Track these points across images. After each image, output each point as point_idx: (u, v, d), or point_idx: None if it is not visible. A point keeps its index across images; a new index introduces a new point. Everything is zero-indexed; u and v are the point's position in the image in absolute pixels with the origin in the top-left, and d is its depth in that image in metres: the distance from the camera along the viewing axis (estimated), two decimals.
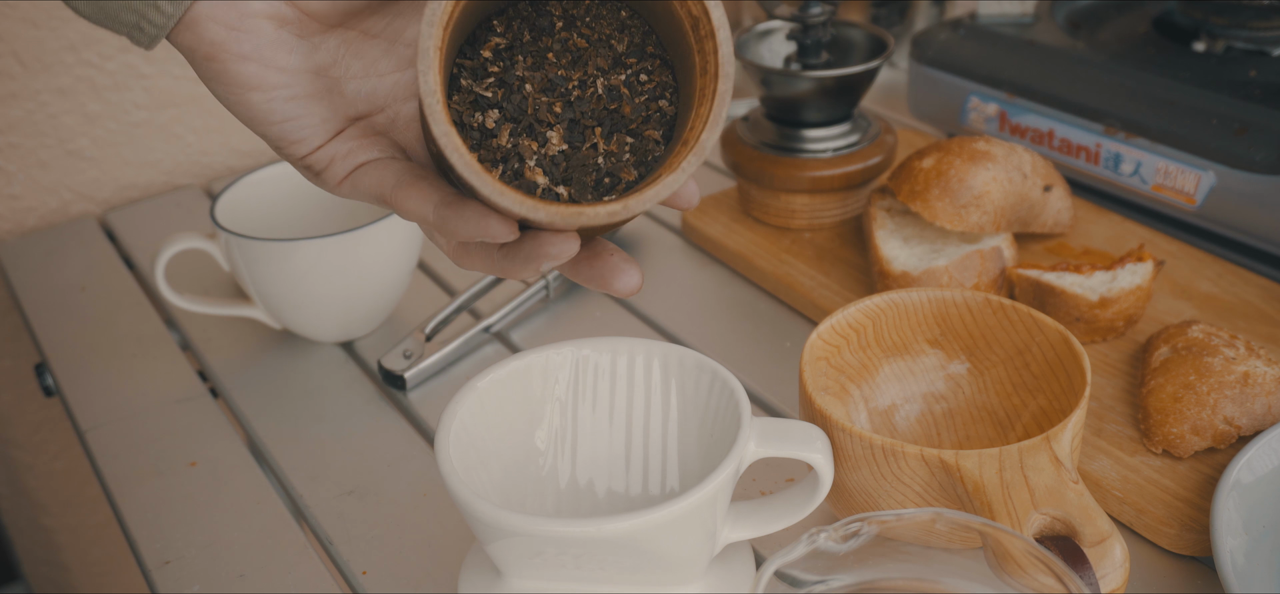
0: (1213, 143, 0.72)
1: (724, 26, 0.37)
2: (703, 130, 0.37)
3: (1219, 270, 0.72)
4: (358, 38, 0.42)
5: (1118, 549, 0.45)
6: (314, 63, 0.41)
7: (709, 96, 0.37)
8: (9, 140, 0.91)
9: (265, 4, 0.39)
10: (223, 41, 0.39)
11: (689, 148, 0.37)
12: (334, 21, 0.41)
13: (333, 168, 0.42)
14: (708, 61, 0.37)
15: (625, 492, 0.55)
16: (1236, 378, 0.57)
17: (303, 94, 0.41)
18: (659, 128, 0.40)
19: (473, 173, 0.35)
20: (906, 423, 0.59)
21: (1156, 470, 0.57)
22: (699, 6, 0.37)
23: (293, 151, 0.42)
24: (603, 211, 0.36)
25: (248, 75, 0.40)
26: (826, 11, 0.78)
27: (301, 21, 0.40)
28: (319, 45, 0.41)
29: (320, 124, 0.41)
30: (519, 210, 0.36)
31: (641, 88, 0.40)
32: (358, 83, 0.42)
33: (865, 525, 0.42)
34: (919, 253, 0.70)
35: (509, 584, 0.49)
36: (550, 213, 0.36)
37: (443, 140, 0.35)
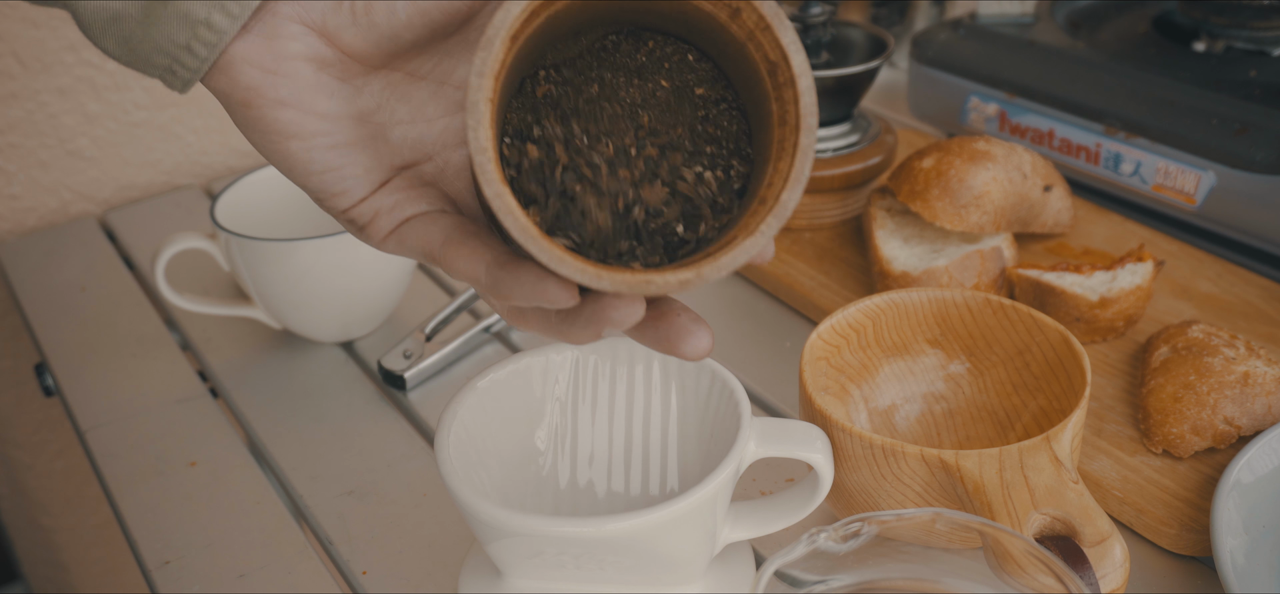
0: (1213, 143, 0.72)
1: (807, 74, 0.33)
2: (783, 189, 0.33)
3: (1219, 270, 0.72)
4: (404, 80, 0.39)
5: (1118, 549, 0.45)
6: (357, 108, 0.38)
7: (789, 150, 0.34)
8: (9, 140, 0.91)
9: (303, 45, 0.37)
10: (258, 86, 0.37)
11: (768, 207, 0.33)
12: (378, 63, 0.38)
13: (377, 222, 0.39)
14: (787, 111, 0.34)
15: (625, 492, 0.55)
16: (1236, 378, 0.57)
17: (344, 142, 0.38)
18: (733, 181, 0.37)
19: (529, 239, 0.32)
20: (906, 423, 0.59)
21: (1156, 470, 0.57)
22: (777, 50, 0.34)
23: (335, 204, 0.39)
24: (673, 280, 0.33)
25: (285, 122, 0.37)
26: (826, 11, 0.78)
27: (343, 63, 0.37)
28: (362, 89, 0.38)
29: (364, 174, 0.38)
30: (580, 279, 0.32)
31: (714, 137, 0.37)
32: (404, 128, 0.39)
33: (865, 525, 0.42)
34: (919, 253, 0.70)
35: (509, 584, 0.49)
36: (615, 281, 0.33)
37: (495, 203, 0.32)
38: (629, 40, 0.38)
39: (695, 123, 0.37)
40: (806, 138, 0.33)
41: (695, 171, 0.37)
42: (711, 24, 0.35)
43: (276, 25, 0.36)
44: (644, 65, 0.38)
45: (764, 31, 0.34)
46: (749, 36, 0.34)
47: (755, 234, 0.33)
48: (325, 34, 0.37)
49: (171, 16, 0.36)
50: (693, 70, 0.38)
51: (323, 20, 0.37)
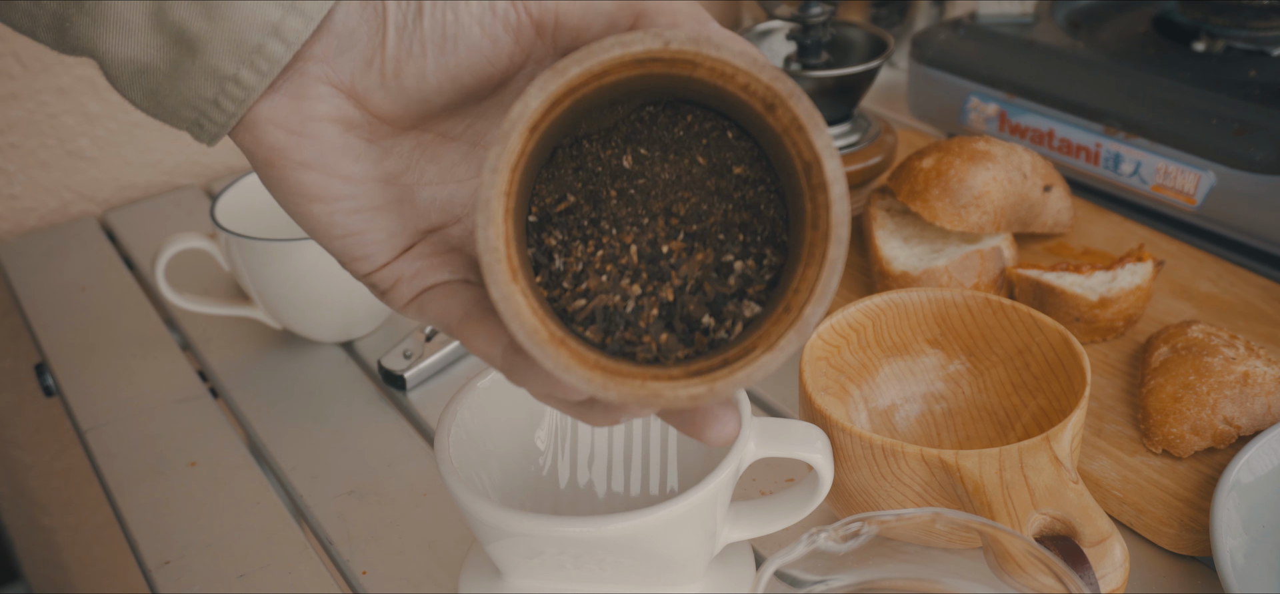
0: (1212, 143, 0.72)
1: (840, 181, 0.32)
2: (808, 302, 0.32)
3: (1219, 270, 0.72)
4: (434, 141, 0.38)
5: (1117, 549, 0.45)
6: (384, 170, 0.37)
7: (817, 259, 0.33)
8: (9, 140, 0.91)
9: (330, 106, 0.36)
10: (283, 147, 0.36)
11: (791, 320, 0.32)
12: (408, 125, 0.37)
13: (399, 289, 0.38)
14: (819, 216, 0.33)
15: (625, 492, 0.55)
16: (1236, 378, 0.57)
17: (368, 206, 0.37)
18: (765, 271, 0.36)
19: (535, 345, 0.32)
20: (906, 423, 0.59)
21: (1156, 470, 0.57)
22: (811, 152, 0.33)
23: (356, 268, 0.38)
24: (683, 395, 0.32)
25: (308, 184, 0.36)
26: (826, 11, 0.78)
27: (372, 125, 0.37)
28: (391, 149, 0.37)
29: (387, 239, 0.38)
30: (586, 388, 0.32)
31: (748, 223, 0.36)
32: (433, 189, 0.38)
33: (865, 525, 0.42)
34: (919, 253, 0.70)
35: (509, 584, 0.49)
36: (622, 393, 0.32)
37: (501, 305, 0.32)
38: (666, 112, 0.37)
39: (730, 205, 0.36)
40: (836, 250, 0.32)
41: (726, 261, 0.36)
42: (749, 111, 0.34)
43: (304, 85, 0.36)
44: (680, 140, 0.37)
45: (798, 131, 0.33)
46: (784, 131, 0.33)
47: (774, 350, 0.32)
48: (354, 95, 0.36)
49: (200, 72, 0.35)
50: (731, 148, 0.37)
51: (351, 81, 0.36)
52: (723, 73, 0.33)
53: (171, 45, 0.35)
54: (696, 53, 0.32)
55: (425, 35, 0.35)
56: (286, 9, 0.34)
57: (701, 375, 0.33)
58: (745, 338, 0.34)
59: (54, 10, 0.35)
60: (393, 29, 0.35)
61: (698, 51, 0.32)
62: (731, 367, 0.32)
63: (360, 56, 0.36)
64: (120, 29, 0.35)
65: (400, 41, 0.35)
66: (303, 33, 0.35)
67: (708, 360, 0.34)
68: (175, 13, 0.34)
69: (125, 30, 0.35)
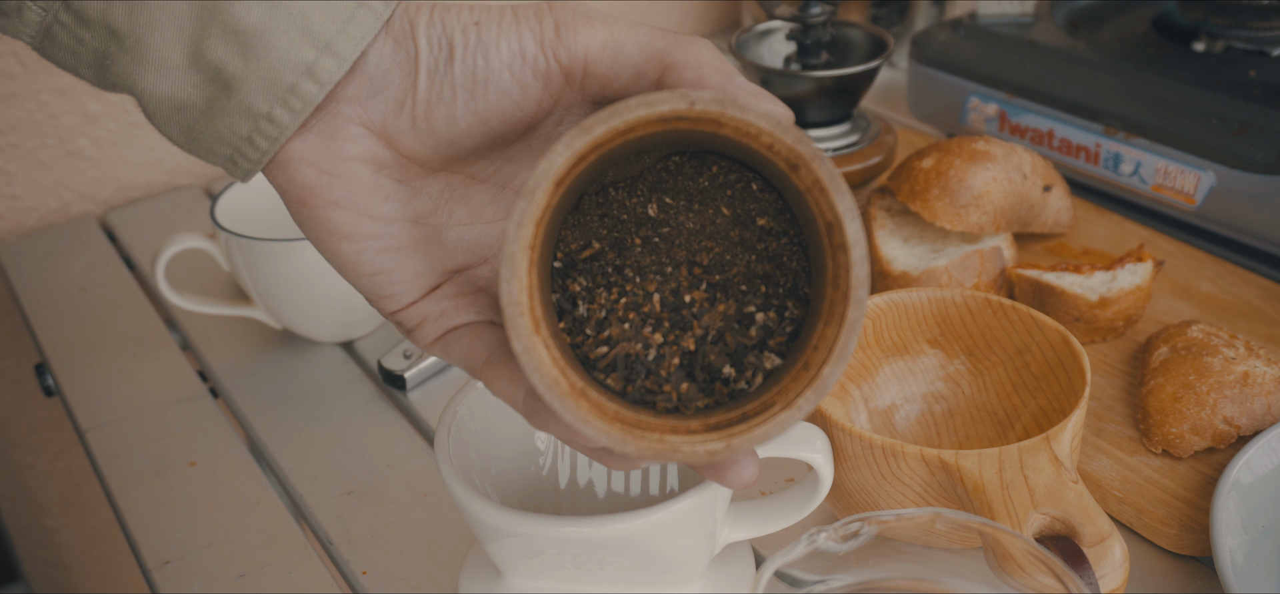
0: (1212, 143, 0.72)
1: (861, 244, 0.33)
2: (826, 362, 0.33)
3: (1218, 270, 0.72)
4: (464, 182, 0.39)
5: (1117, 549, 0.45)
6: (413, 210, 0.38)
7: (837, 319, 0.33)
8: (9, 140, 0.91)
9: (362, 147, 0.37)
10: (314, 186, 0.37)
11: (809, 378, 0.33)
12: (437, 166, 0.38)
13: (424, 328, 0.39)
14: (840, 276, 0.33)
15: (625, 492, 0.55)
16: (1236, 378, 0.57)
17: (396, 245, 0.38)
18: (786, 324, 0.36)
19: (555, 398, 0.32)
20: (906, 423, 0.59)
21: (1156, 470, 0.57)
22: (832, 213, 0.33)
23: (383, 306, 0.39)
24: (701, 451, 0.32)
25: (338, 223, 0.37)
26: (826, 11, 0.78)
27: (402, 165, 0.37)
28: (420, 190, 0.38)
29: (413, 278, 0.38)
30: (605, 442, 0.32)
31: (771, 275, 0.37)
32: (461, 230, 0.39)
33: (865, 525, 0.42)
34: (919, 253, 0.70)
35: (509, 584, 0.49)
36: (640, 448, 0.32)
37: (523, 358, 0.32)
38: (692, 162, 0.37)
39: (753, 256, 0.37)
40: (854, 312, 0.33)
41: (748, 312, 0.36)
42: (772, 167, 0.35)
43: (336, 126, 0.36)
44: (705, 190, 0.37)
45: (821, 192, 0.33)
46: (807, 190, 0.34)
47: (792, 409, 0.33)
48: (385, 137, 0.37)
49: (235, 109, 0.36)
50: (756, 199, 0.37)
51: (383, 123, 0.37)
52: (747, 132, 0.33)
53: (208, 83, 0.36)
54: (722, 114, 0.33)
55: (456, 80, 0.36)
56: (320, 49, 0.35)
57: (719, 429, 0.33)
58: (765, 391, 0.34)
59: (96, 49, 0.36)
60: (424, 73, 0.36)
61: (723, 113, 0.33)
62: (749, 423, 0.33)
63: (392, 99, 0.36)
64: (159, 67, 0.36)
65: (431, 85, 0.36)
66: (336, 73, 0.35)
67: (727, 413, 0.34)
68: (213, 52, 0.35)
69: (164, 68, 0.36)
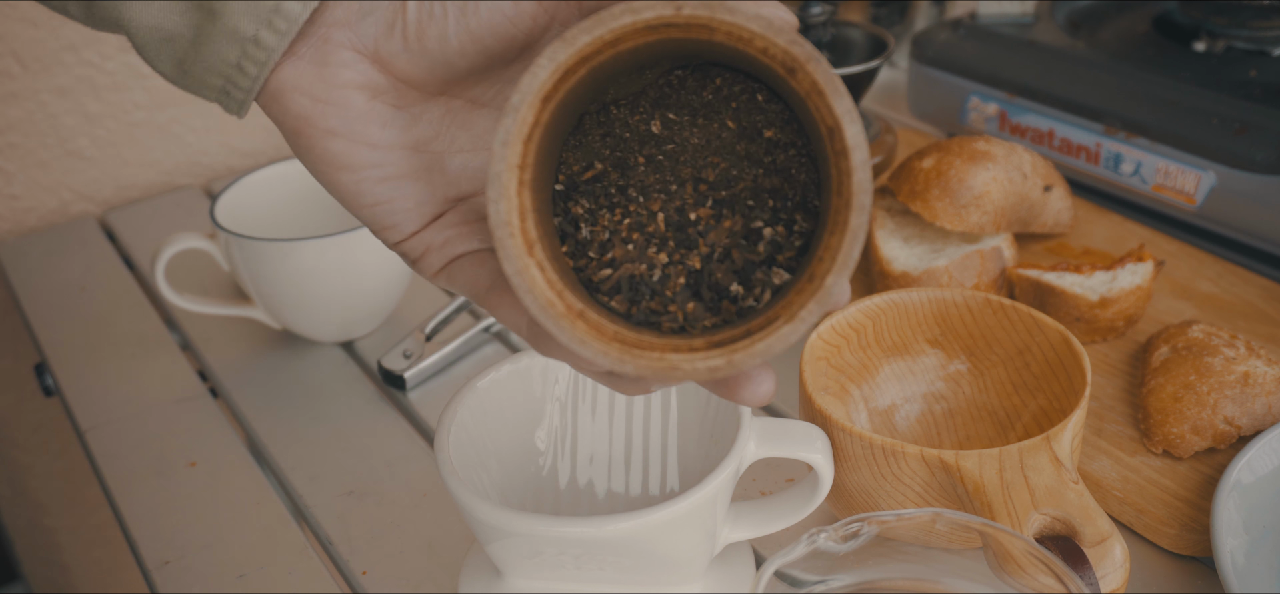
0: (1213, 143, 0.72)
1: (862, 147, 0.31)
2: (830, 272, 0.32)
3: (1219, 270, 0.72)
4: (464, 107, 0.38)
5: (1118, 549, 0.45)
6: (412, 137, 0.37)
7: (840, 227, 0.32)
8: (9, 140, 0.91)
9: (356, 73, 0.36)
10: (308, 115, 0.36)
11: (813, 290, 0.32)
12: (434, 90, 0.37)
13: (428, 257, 0.38)
14: (842, 182, 0.32)
15: (625, 492, 0.55)
16: (1237, 378, 0.57)
17: (396, 174, 0.37)
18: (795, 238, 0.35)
19: (550, 320, 0.31)
20: (906, 423, 0.59)
21: (1157, 470, 0.57)
22: (831, 117, 0.32)
23: (386, 236, 0.38)
24: (702, 367, 0.32)
25: (336, 153, 0.36)
26: (826, 11, 0.78)
27: (399, 91, 0.37)
28: (419, 116, 0.37)
29: (416, 207, 0.38)
30: (603, 362, 0.32)
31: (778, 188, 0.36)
32: (464, 157, 0.38)
33: (865, 525, 0.42)
34: (919, 253, 0.70)
35: (509, 584, 0.49)
36: (640, 366, 0.32)
37: (515, 279, 0.31)
38: (695, 77, 0.36)
39: (760, 169, 0.36)
40: (857, 218, 0.32)
41: (755, 228, 0.35)
42: (772, 74, 0.34)
43: (328, 52, 0.36)
44: (709, 104, 0.36)
45: (818, 96, 0.32)
46: (807, 95, 0.33)
47: (795, 321, 0.32)
48: (378, 61, 0.36)
49: (221, 35, 0.35)
50: (762, 111, 0.36)
51: (376, 46, 0.36)
52: (740, 36, 0.32)
53: (193, 9, 0.35)
54: (711, 17, 0.32)
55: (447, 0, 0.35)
56: None
57: (721, 347, 0.32)
58: (773, 306, 0.33)
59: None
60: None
61: (712, 16, 0.32)
62: (753, 337, 0.32)
63: (382, 20, 0.36)
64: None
65: (421, 4, 0.35)
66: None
67: (732, 331, 0.33)
68: None
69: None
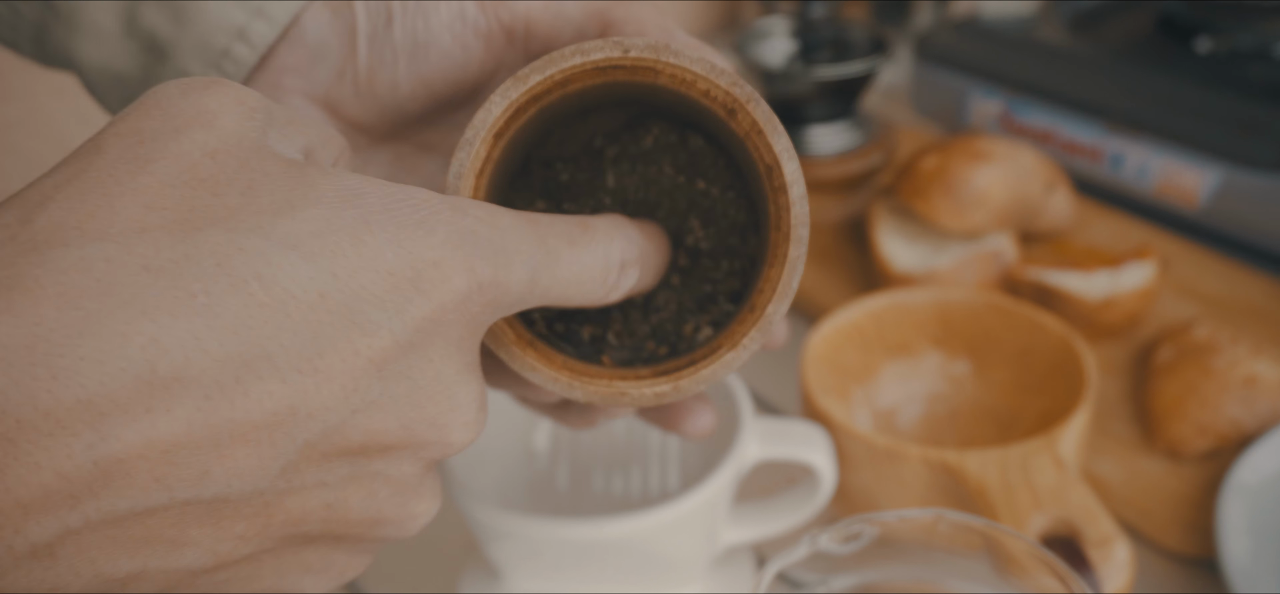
0: (1216, 142, 0.72)
1: (798, 183, 0.33)
2: (770, 301, 0.33)
3: (1223, 270, 0.72)
4: (412, 151, 0.39)
5: (1121, 551, 0.45)
6: None
7: (779, 260, 0.34)
8: (9, 140, 0.91)
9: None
10: None
11: (754, 319, 0.33)
12: (384, 134, 0.38)
13: None
14: (781, 217, 0.34)
15: (625, 492, 0.55)
16: (1241, 379, 0.57)
17: None
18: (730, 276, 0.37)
19: (501, 349, 0.32)
20: (908, 424, 0.59)
21: (1160, 472, 0.56)
22: (770, 155, 0.33)
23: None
24: (649, 393, 0.33)
25: None
26: (828, 10, 0.78)
27: (349, 135, 0.37)
28: (369, 161, 0.38)
29: None
30: (553, 389, 0.33)
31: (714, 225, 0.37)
32: None
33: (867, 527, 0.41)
34: (921, 252, 0.69)
35: (508, 585, 0.49)
36: (589, 393, 0.33)
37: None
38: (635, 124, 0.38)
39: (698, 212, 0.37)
40: (795, 250, 0.33)
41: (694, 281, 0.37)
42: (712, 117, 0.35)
43: (279, 97, 0.36)
44: (648, 151, 0.37)
45: (758, 135, 0.34)
46: (746, 135, 0.34)
47: (738, 348, 0.33)
48: (329, 106, 0.37)
49: (169, 76, 0.35)
50: (697, 158, 0.37)
51: (326, 92, 0.36)
52: (683, 79, 0.33)
53: (143, 51, 0.36)
54: (655, 60, 0.33)
55: (397, 44, 0.36)
56: (252, 11, 0.35)
57: (667, 375, 0.34)
58: (715, 337, 0.35)
59: (33, 21, 0.36)
60: (364, 38, 0.36)
61: (657, 58, 0.33)
62: (696, 366, 0.33)
63: (332, 68, 0.36)
64: (94, 35, 0.36)
65: (371, 51, 0.36)
66: (267, 36, 0.35)
67: (676, 360, 0.35)
68: (145, 18, 0.35)
69: (99, 37, 0.36)
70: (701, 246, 0.37)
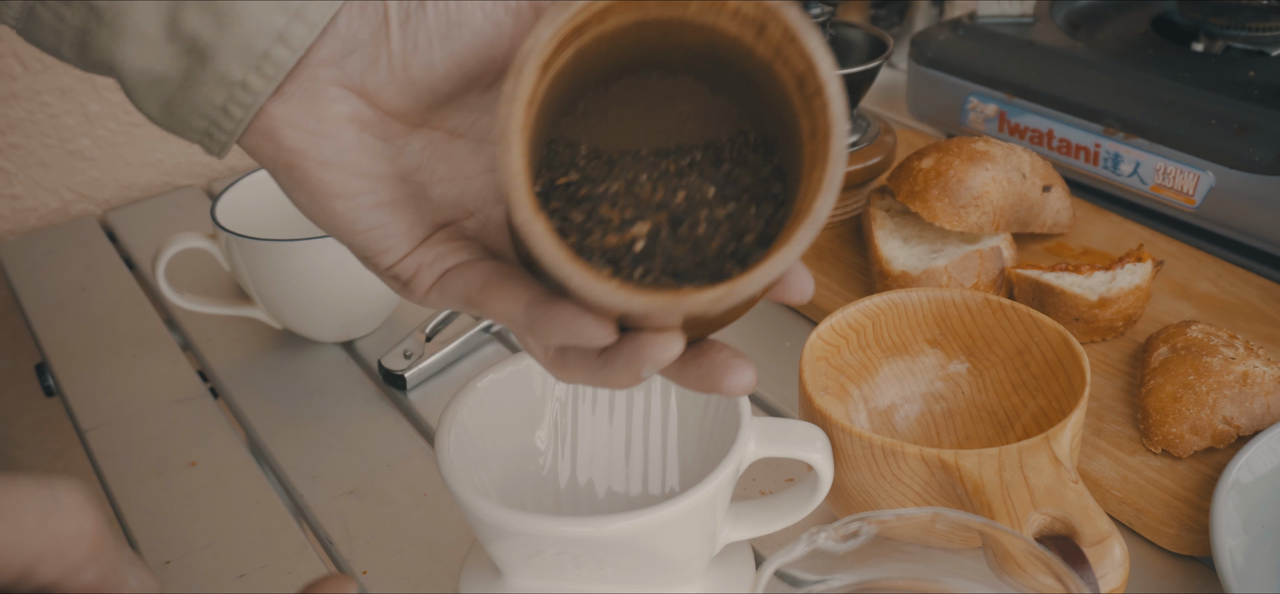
0: (1212, 143, 0.72)
1: (833, 79, 0.33)
2: (815, 198, 0.33)
3: (1218, 270, 0.72)
4: (443, 138, 0.39)
5: (1117, 549, 0.45)
6: (399, 167, 0.39)
7: (821, 160, 0.33)
8: (9, 140, 0.91)
9: (345, 107, 0.37)
10: (303, 148, 0.37)
11: (801, 219, 0.33)
12: (417, 120, 0.39)
13: (420, 276, 0.39)
14: (817, 122, 0.33)
15: (625, 492, 0.55)
16: (1235, 378, 0.58)
17: (388, 200, 0.38)
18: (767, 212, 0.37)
19: (559, 262, 0.32)
20: (906, 423, 0.59)
21: (1156, 470, 0.57)
22: (804, 60, 0.33)
23: (379, 261, 0.39)
24: (706, 297, 0.32)
25: (331, 182, 0.37)
26: (826, 12, 0.78)
27: (384, 123, 0.38)
28: (403, 148, 0.39)
29: (407, 230, 0.39)
30: (612, 300, 0.32)
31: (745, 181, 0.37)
32: (445, 187, 0.40)
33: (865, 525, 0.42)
34: (918, 253, 0.70)
35: (509, 584, 0.49)
36: (648, 302, 0.32)
37: (525, 228, 0.32)
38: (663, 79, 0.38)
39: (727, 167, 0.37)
40: (837, 144, 0.33)
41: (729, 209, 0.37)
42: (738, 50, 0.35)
43: (317, 89, 0.37)
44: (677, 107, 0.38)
45: (791, 42, 0.34)
46: (776, 54, 0.34)
47: (790, 243, 0.33)
48: (365, 94, 0.37)
49: (210, 78, 0.36)
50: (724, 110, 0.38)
51: (361, 80, 0.37)
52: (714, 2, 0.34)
53: (184, 54, 0.36)
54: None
55: (431, 26, 0.37)
56: (292, 14, 0.36)
57: (721, 283, 0.33)
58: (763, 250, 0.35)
59: (77, 26, 0.37)
60: (396, 25, 0.37)
61: None
62: (748, 271, 0.33)
63: (366, 56, 0.37)
64: (138, 40, 0.36)
65: (404, 36, 0.37)
66: (307, 38, 0.36)
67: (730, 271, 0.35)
68: (188, 22, 0.36)
69: (142, 41, 0.36)
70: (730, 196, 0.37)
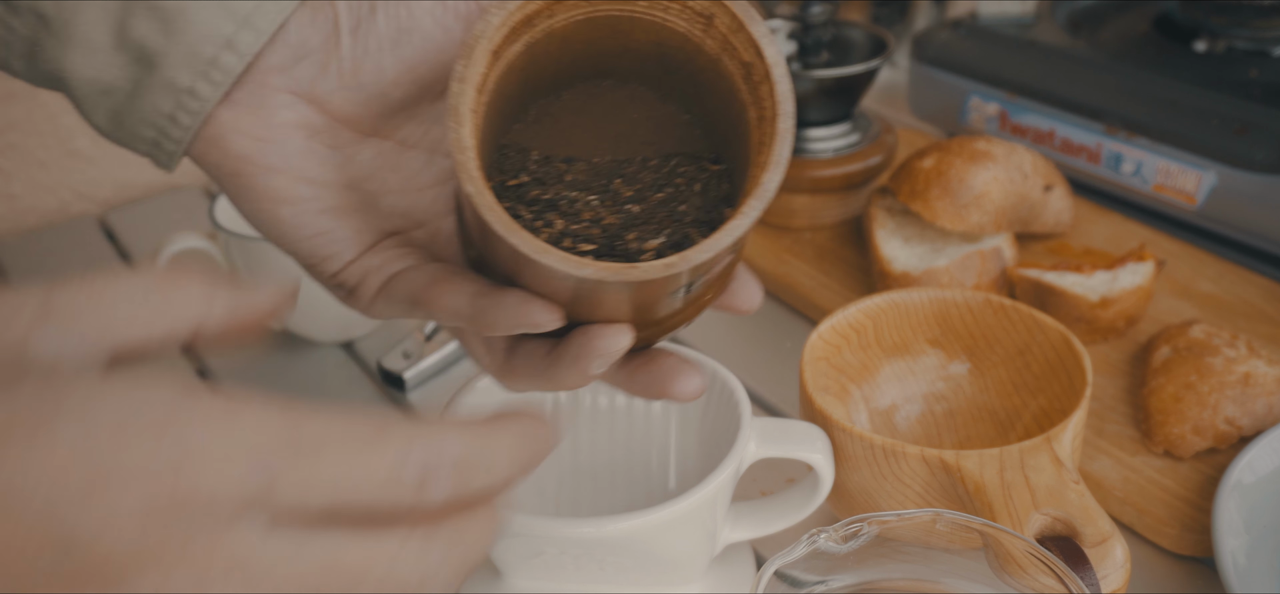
0: (1213, 142, 0.72)
1: (780, 63, 0.34)
2: (763, 173, 0.34)
3: (1220, 270, 0.72)
4: (395, 148, 0.39)
5: (1119, 550, 0.45)
6: (347, 176, 0.38)
7: (769, 141, 0.34)
8: (8, 140, 0.91)
9: (294, 113, 0.37)
10: (250, 154, 0.37)
11: (749, 194, 0.34)
12: (368, 128, 0.38)
13: (366, 283, 0.39)
14: (764, 108, 0.34)
15: (625, 492, 0.55)
16: (1238, 378, 0.57)
17: (333, 206, 0.38)
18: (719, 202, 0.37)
19: (509, 230, 0.32)
20: (907, 423, 0.59)
21: (1157, 471, 0.57)
22: (751, 49, 0.34)
23: (324, 268, 0.39)
24: (658, 266, 0.33)
25: (277, 188, 0.37)
26: (826, 11, 0.78)
27: (334, 130, 0.38)
28: (353, 156, 0.38)
29: (353, 236, 0.39)
30: (562, 268, 0.32)
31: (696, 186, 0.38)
32: (395, 198, 0.39)
33: (865, 526, 0.42)
34: (919, 253, 0.69)
35: (509, 584, 0.49)
36: (599, 269, 0.32)
37: (476, 199, 0.32)
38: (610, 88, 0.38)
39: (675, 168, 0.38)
40: (784, 123, 0.34)
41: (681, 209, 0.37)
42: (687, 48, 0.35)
43: (265, 96, 0.37)
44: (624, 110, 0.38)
45: (738, 33, 0.34)
46: (723, 47, 0.34)
47: (739, 214, 0.33)
48: (315, 101, 0.37)
49: (158, 86, 0.36)
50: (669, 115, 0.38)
51: (311, 87, 0.37)
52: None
53: (132, 63, 0.36)
54: None
55: (381, 32, 0.37)
56: (241, 21, 0.36)
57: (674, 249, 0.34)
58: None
59: (25, 36, 0.36)
60: (346, 32, 0.37)
61: None
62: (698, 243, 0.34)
63: (317, 63, 0.37)
64: (86, 48, 0.36)
65: (355, 42, 0.37)
66: (255, 45, 0.36)
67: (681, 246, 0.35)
68: (136, 30, 0.36)
69: (90, 50, 0.36)
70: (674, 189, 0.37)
